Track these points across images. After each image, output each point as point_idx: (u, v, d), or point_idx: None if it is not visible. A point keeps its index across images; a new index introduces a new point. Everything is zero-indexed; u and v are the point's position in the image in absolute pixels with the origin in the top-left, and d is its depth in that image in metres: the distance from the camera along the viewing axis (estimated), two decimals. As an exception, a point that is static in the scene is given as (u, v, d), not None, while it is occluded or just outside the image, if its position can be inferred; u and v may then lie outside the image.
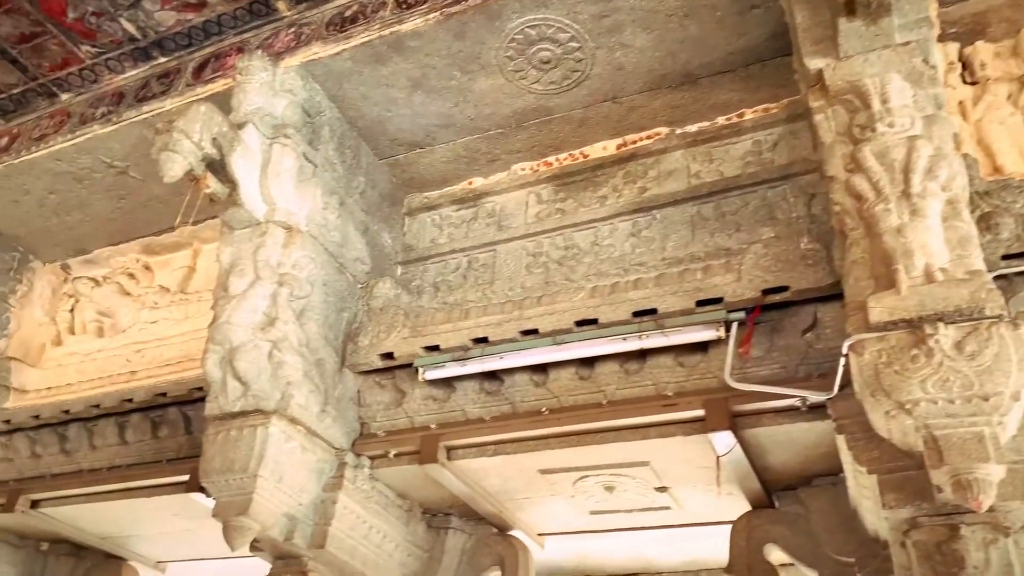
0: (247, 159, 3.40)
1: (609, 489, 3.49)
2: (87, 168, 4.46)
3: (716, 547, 4.28)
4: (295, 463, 3.22)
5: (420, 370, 3.43)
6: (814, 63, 2.63)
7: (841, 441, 2.61)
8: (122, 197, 4.64)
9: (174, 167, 3.13)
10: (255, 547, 3.31)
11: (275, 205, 3.45)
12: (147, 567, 4.92)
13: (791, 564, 3.23)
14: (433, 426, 3.44)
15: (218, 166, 3.34)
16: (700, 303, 3.01)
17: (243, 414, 3.18)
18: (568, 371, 3.25)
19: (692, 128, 3.82)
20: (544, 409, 3.25)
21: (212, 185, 3.31)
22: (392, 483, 3.63)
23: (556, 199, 3.99)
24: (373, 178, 4.14)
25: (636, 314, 3.10)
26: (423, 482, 3.59)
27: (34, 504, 4.31)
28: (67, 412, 4.23)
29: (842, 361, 2.49)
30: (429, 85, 3.77)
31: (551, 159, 4.10)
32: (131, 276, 4.99)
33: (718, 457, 2.95)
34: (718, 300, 2.99)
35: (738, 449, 2.95)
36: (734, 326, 2.94)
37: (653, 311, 3.07)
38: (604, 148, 3.99)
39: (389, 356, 3.54)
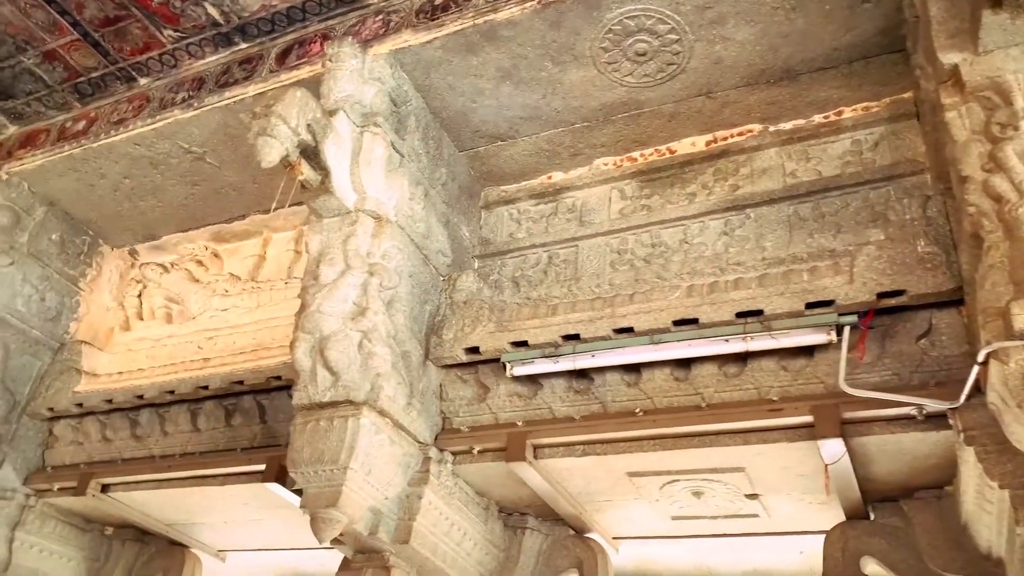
0: (339, 147, 3.35)
1: (697, 494, 3.40)
2: (164, 153, 4.44)
3: (786, 557, 4.20)
4: (383, 456, 3.16)
5: (507, 366, 3.36)
6: (949, 58, 2.51)
7: (968, 453, 2.50)
8: (196, 183, 4.62)
9: (271, 152, 3.09)
10: (337, 540, 3.26)
11: (365, 194, 3.40)
12: (209, 555, 4.90)
13: (889, 578, 3.13)
14: (520, 423, 3.37)
15: (311, 153, 3.29)
16: (809, 305, 2.91)
17: (333, 404, 3.13)
18: (663, 372, 3.16)
19: (787, 126, 3.71)
20: (638, 410, 3.16)
21: (305, 172, 3.26)
22: (472, 480, 3.57)
23: (641, 195, 3.90)
24: (453, 170, 4.08)
25: (740, 315, 3.00)
26: (503, 480, 3.53)
27: (104, 488, 4.31)
28: (140, 397, 4.22)
29: (975, 370, 2.37)
30: (519, 76, 3.69)
31: (636, 154, 4.02)
32: (199, 263, 4.98)
33: (827, 465, 2.85)
34: (828, 303, 2.89)
35: (843, 457, 2.85)
36: (846, 330, 2.84)
37: (759, 312, 2.98)
38: (693, 144, 3.89)
39: (474, 351, 3.47)
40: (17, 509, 4.41)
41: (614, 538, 3.92)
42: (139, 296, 5.09)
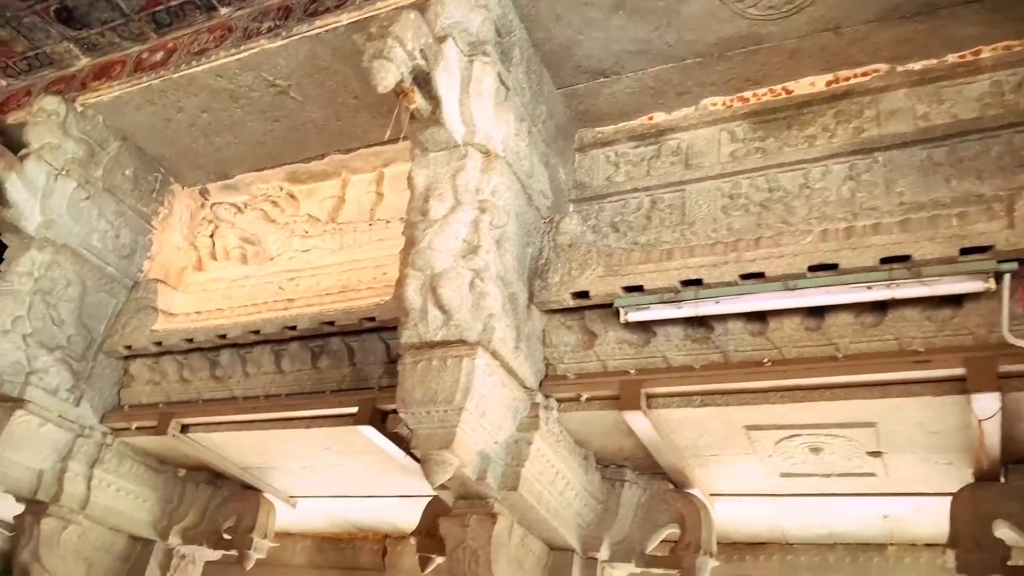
0: (449, 75, 3.16)
1: (815, 451, 3.25)
2: (246, 86, 4.27)
3: (868, 522, 4.06)
4: (495, 399, 3.03)
5: (621, 311, 3.20)
6: None
7: None
8: (276, 120, 4.46)
9: (387, 76, 2.91)
10: (442, 486, 3.14)
11: (475, 127, 3.23)
12: (280, 501, 4.85)
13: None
14: (632, 371, 3.22)
15: (421, 80, 3.11)
16: (964, 251, 2.72)
17: (445, 344, 2.99)
18: (793, 321, 2.99)
19: (917, 66, 3.48)
20: (766, 360, 3.00)
21: (417, 100, 3.09)
22: (573, 429, 3.44)
23: (754, 138, 3.69)
24: (551, 108, 3.89)
25: (884, 261, 2.82)
26: (607, 430, 3.40)
27: (184, 428, 4.23)
28: (223, 337, 4.11)
29: None
30: (633, 5, 3.48)
31: (748, 94, 3.80)
32: (274, 204, 4.85)
33: (980, 422, 2.68)
34: (985, 249, 2.70)
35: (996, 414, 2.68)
36: (1006, 278, 2.65)
37: (905, 258, 2.79)
38: (812, 84, 3.67)
39: (583, 295, 3.32)
40: (95, 447, 4.34)
41: (711, 494, 3.79)
42: (211, 236, 4.98)
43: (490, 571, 3.09)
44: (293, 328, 3.93)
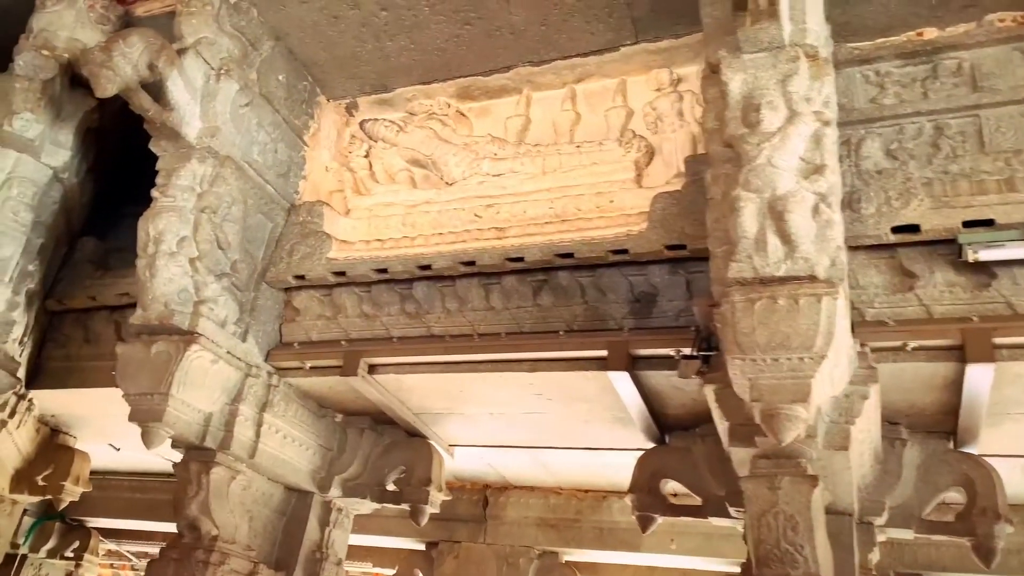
0: (782, -40, 2.65)
1: None
2: (447, -21, 3.70)
3: None
4: (843, 348, 2.60)
5: (967, 250, 2.77)
6: None
7: None
8: (468, 22, 3.89)
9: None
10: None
11: (804, 25, 2.73)
12: (440, 448, 4.40)
13: None
14: (975, 319, 2.81)
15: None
16: None
17: (790, 280, 2.54)
18: None
19: None
20: None
21: (755, -12, 2.58)
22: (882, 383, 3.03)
23: (1059, 59, 3.24)
24: (820, 16, 3.38)
25: None
26: (910, 384, 3.01)
27: (371, 369, 3.74)
28: (426, 268, 3.61)
29: None
30: None
31: (1046, 10, 3.33)
32: (442, 123, 4.29)
33: None
34: None
35: None
36: None
37: None
38: None
39: (910, 230, 2.88)
40: (264, 388, 3.84)
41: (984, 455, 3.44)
42: (366, 156, 4.42)
43: (812, 540, 2.71)
44: (518, 260, 3.44)
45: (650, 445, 3.82)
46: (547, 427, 4.02)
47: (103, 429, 5.13)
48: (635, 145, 3.69)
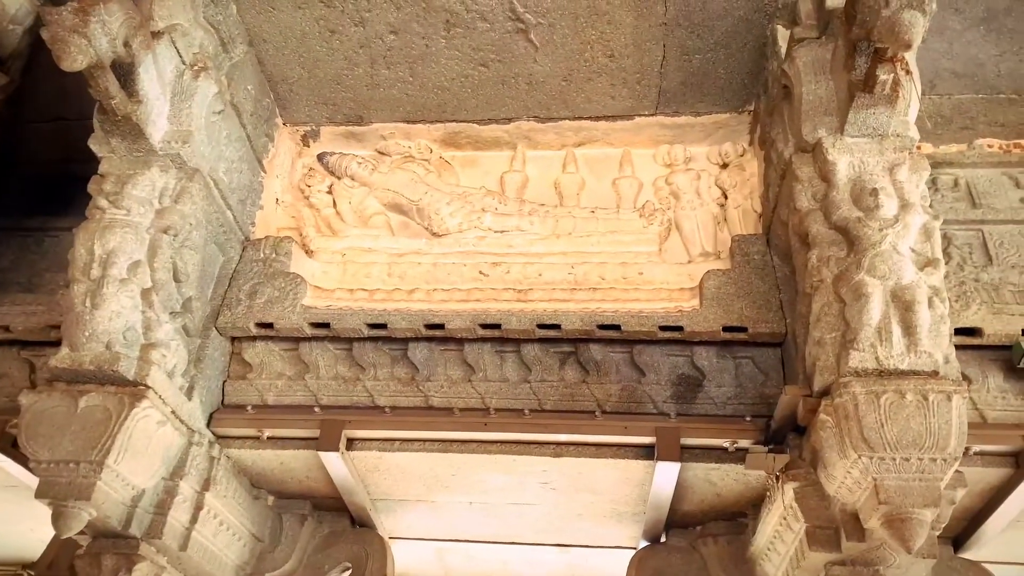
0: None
1: None
2: (479, 13, 3.35)
3: None
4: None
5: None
6: None
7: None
8: (485, 64, 3.55)
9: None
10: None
11: (906, 118, 2.72)
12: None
13: None
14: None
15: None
16: None
17: (913, 374, 2.41)
18: None
19: None
20: None
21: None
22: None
23: (1048, 188, 3.53)
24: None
25: None
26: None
27: (349, 444, 3.12)
28: (437, 327, 3.10)
29: None
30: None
31: (1034, 143, 3.65)
32: (424, 168, 3.86)
33: None
34: None
35: None
36: None
37: None
38: (1106, 144, 3.60)
39: (971, 333, 2.90)
40: (207, 461, 3.06)
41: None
42: (329, 192, 3.85)
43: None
44: (552, 327, 3.06)
45: (641, 544, 3.50)
46: (530, 521, 3.56)
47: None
48: (658, 218, 3.50)
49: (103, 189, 2.88)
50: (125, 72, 2.82)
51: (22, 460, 2.91)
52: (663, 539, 3.46)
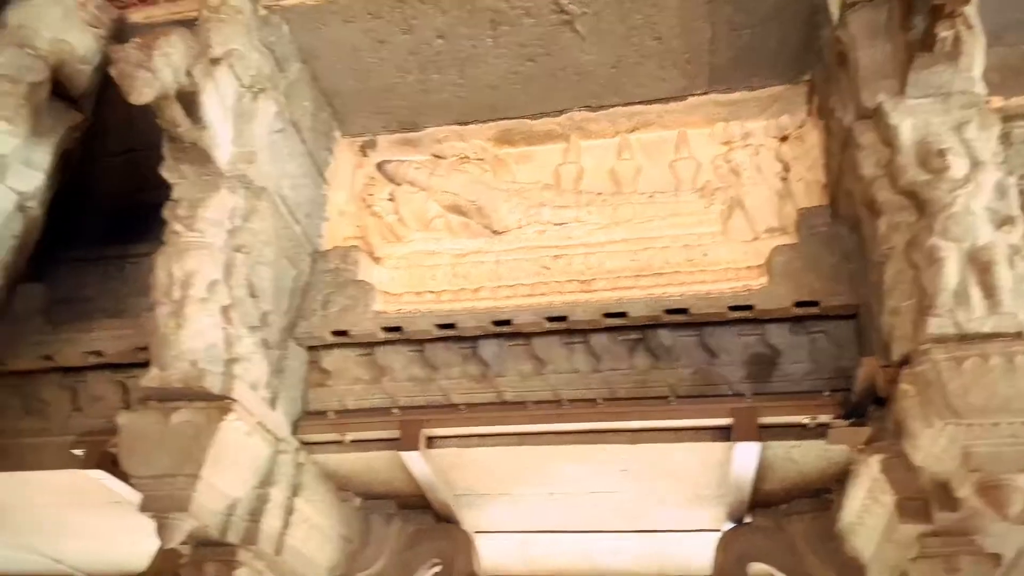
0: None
1: None
2: (523, 9, 3.37)
3: None
4: None
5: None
6: None
7: None
8: (531, 59, 3.57)
9: None
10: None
11: (971, 74, 2.63)
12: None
13: None
14: None
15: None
16: None
17: (997, 337, 2.34)
18: None
19: None
20: None
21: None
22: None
23: None
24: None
25: None
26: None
27: (429, 442, 3.19)
28: (504, 324, 3.15)
29: None
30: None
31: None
32: (479, 167, 3.91)
33: None
34: None
35: None
36: None
37: None
38: None
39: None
40: (294, 467, 3.17)
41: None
42: (391, 199, 3.92)
43: (1005, 627, 2.44)
44: (618, 315, 3.07)
45: (726, 526, 3.48)
46: (611, 509, 3.57)
47: (17, 525, 4.13)
48: (719, 197, 3.46)
49: (177, 214, 3.00)
50: (189, 100, 2.94)
51: (123, 477, 3.05)
52: (747, 520, 3.43)
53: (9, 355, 3.53)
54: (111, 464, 3.18)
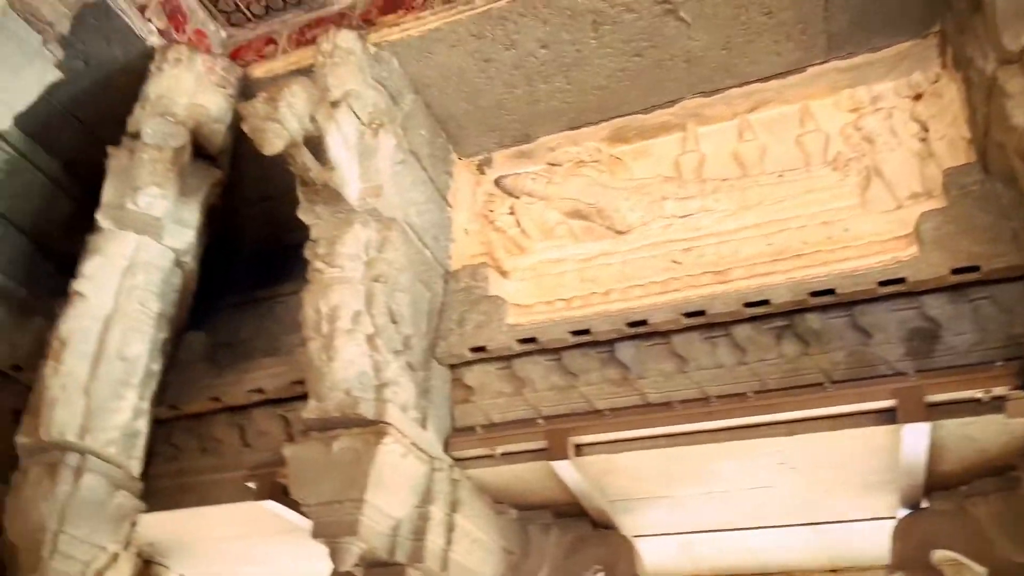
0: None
1: None
2: (625, 4, 3.33)
3: None
4: None
5: None
6: None
7: None
8: (639, 52, 3.52)
9: None
10: None
11: None
12: (625, 541, 3.79)
13: None
14: None
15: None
16: None
17: None
18: None
19: None
20: None
21: None
22: None
23: None
24: None
25: None
26: None
27: (577, 450, 3.19)
28: (639, 324, 3.11)
29: None
30: None
31: None
32: (595, 169, 3.88)
33: None
34: None
35: None
36: None
37: None
38: None
39: None
40: (450, 484, 3.26)
41: None
42: (511, 213, 3.97)
43: None
44: (760, 304, 2.96)
45: (900, 512, 3.28)
46: (774, 503, 3.46)
47: (202, 556, 4.45)
48: (853, 168, 3.29)
49: (317, 252, 3.15)
50: (316, 144, 3.09)
51: (293, 505, 3.23)
52: (924, 505, 3.22)
53: (183, 400, 3.82)
54: (282, 494, 3.38)
